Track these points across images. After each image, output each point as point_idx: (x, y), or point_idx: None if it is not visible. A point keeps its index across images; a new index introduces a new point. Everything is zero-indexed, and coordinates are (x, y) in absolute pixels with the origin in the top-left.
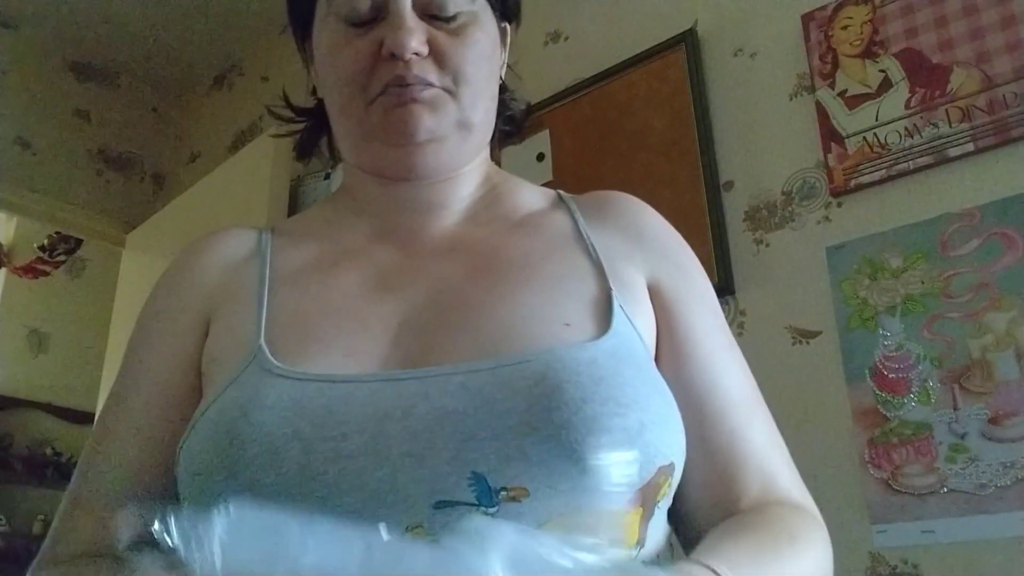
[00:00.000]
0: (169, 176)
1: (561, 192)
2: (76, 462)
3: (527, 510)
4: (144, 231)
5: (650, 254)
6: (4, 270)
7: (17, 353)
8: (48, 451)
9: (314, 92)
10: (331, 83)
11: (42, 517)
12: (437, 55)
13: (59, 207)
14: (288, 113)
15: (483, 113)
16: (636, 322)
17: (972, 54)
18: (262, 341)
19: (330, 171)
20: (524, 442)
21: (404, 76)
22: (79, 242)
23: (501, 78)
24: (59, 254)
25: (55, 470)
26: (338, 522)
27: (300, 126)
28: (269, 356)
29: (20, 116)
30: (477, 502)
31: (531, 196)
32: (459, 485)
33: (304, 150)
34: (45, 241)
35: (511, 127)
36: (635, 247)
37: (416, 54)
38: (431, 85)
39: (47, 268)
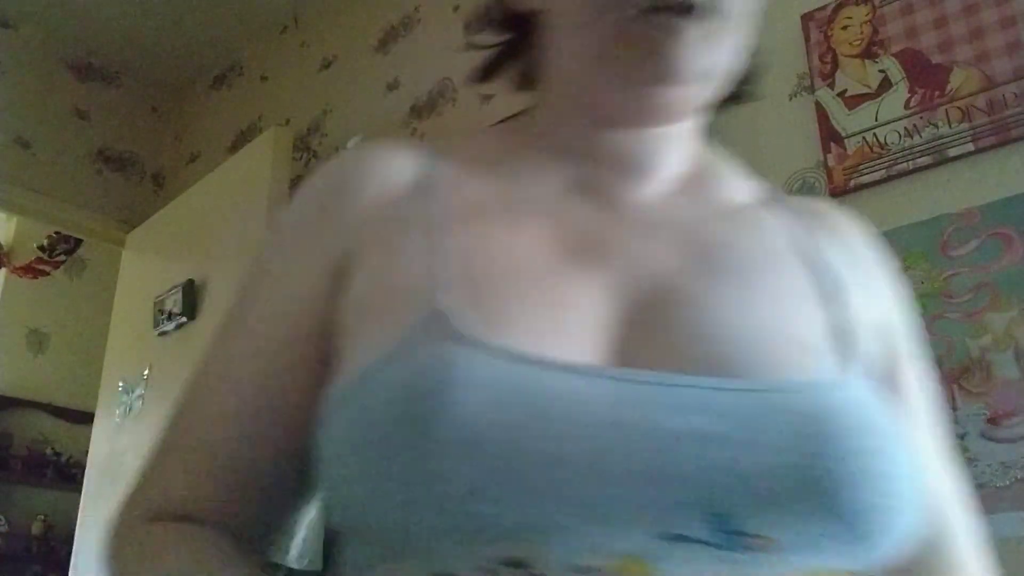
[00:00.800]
0: (169, 176)
1: (769, 187)
2: (75, 462)
3: (768, 562)
4: (144, 231)
5: (883, 298)
6: (4, 270)
7: (17, 353)
8: (48, 451)
9: (518, 3)
10: None
11: (42, 517)
12: None
13: (59, 207)
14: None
15: (734, 62)
16: (875, 367)
17: (972, 54)
18: (443, 298)
19: None
20: (786, 486)
21: None
22: (79, 242)
23: None
24: (59, 254)
25: (55, 470)
26: None
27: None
28: (457, 319)
29: (20, 116)
30: (712, 542)
31: (741, 184)
32: (694, 519)
33: (491, 71)
34: (45, 241)
35: (746, 85)
36: (867, 282)
37: None
38: (703, 13)
39: (47, 268)
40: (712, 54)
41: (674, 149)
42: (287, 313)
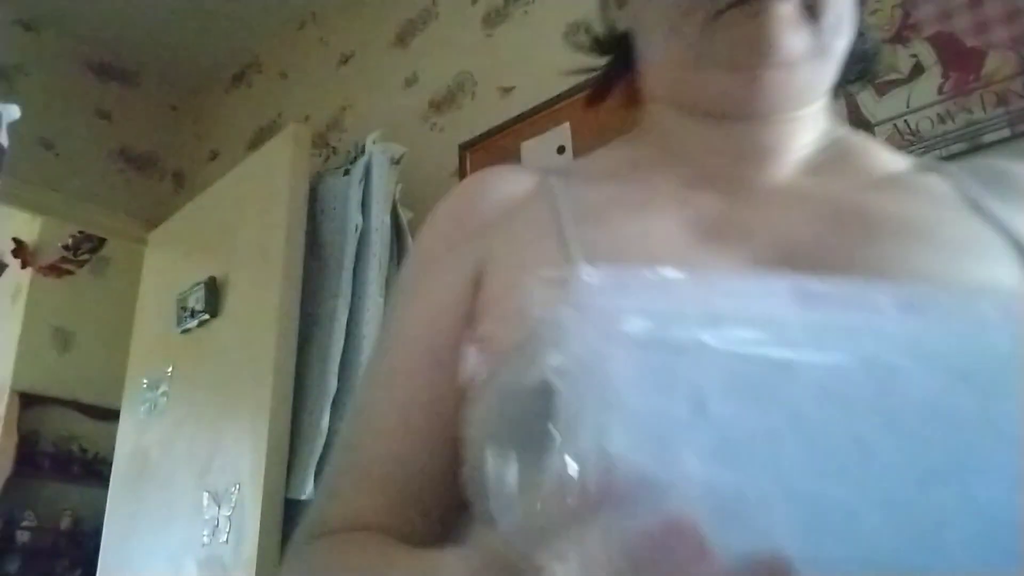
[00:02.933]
0: (189, 174)
1: (927, 159)
2: (101, 459)
3: None
4: (165, 229)
5: None
6: (29, 269)
7: (43, 351)
8: (74, 448)
9: (611, 28)
10: None
11: (69, 512)
12: None
13: (82, 207)
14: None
15: (842, 41)
16: None
17: (1008, 36)
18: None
19: (349, 167)
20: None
21: None
22: (102, 241)
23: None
24: (83, 253)
25: (81, 466)
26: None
27: (589, 77)
28: None
29: (42, 117)
30: None
31: (888, 155)
32: None
33: (601, 92)
34: (69, 240)
35: (864, 65)
36: None
37: None
38: None
39: (71, 267)
40: (806, 36)
41: (798, 134)
42: (440, 329)
